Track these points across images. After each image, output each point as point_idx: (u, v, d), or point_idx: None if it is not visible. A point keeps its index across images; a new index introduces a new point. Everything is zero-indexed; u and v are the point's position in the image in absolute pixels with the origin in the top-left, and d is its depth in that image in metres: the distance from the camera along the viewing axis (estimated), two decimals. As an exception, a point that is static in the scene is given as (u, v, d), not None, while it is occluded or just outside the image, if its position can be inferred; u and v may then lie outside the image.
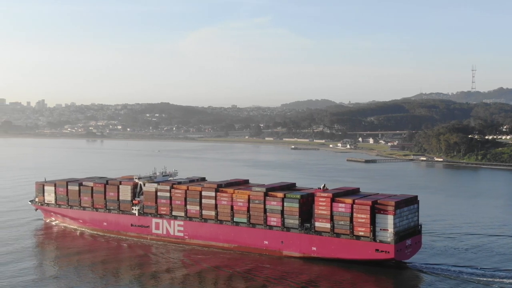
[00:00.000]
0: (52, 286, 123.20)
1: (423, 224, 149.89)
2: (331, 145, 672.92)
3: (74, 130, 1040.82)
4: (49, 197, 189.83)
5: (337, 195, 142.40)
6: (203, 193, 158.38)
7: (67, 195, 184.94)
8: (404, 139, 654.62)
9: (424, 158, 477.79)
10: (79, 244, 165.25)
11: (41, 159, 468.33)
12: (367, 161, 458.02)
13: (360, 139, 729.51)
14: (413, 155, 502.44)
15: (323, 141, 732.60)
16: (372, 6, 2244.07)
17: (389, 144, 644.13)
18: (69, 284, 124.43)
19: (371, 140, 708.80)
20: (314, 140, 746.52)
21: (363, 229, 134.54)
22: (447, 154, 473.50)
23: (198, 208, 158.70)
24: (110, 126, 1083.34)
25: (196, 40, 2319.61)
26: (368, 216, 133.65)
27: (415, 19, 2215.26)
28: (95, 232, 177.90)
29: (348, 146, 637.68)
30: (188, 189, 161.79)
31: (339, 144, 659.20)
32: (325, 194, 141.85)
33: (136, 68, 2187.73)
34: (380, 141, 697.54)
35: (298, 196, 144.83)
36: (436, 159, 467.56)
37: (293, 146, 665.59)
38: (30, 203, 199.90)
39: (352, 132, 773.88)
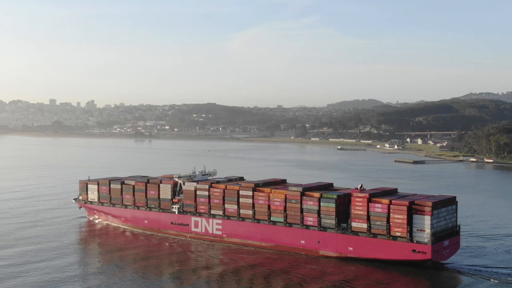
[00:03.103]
0: (95, 281, 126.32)
1: (463, 225, 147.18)
2: (378, 146, 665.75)
3: (123, 130, 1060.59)
4: (92, 195, 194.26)
5: (374, 195, 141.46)
6: (241, 192, 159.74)
7: (109, 193, 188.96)
8: (453, 140, 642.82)
9: (474, 159, 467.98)
10: (121, 241, 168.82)
11: (89, 158, 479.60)
12: (415, 162, 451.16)
13: (408, 139, 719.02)
14: (462, 156, 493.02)
15: (370, 141, 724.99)
16: (420, 5, 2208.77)
17: (438, 144, 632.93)
18: (111, 279, 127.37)
19: (419, 141, 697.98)
20: (361, 141, 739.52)
21: (400, 229, 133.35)
22: (497, 155, 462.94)
23: (236, 207, 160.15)
24: (158, 126, 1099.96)
25: (243, 41, 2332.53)
26: (405, 216, 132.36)
27: (465, 18, 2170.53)
28: (136, 230, 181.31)
29: (395, 147, 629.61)
30: (226, 188, 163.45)
31: (387, 145, 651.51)
32: (362, 194, 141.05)
33: (184, 69, 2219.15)
34: (428, 142, 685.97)
35: (335, 196, 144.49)
36: (486, 160, 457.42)
37: (339, 147, 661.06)
38: (74, 201, 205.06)
39: (399, 133, 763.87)
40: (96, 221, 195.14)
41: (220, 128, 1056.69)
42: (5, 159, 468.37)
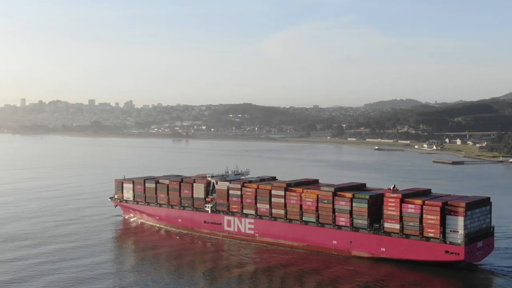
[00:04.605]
0: (131, 278, 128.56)
1: (498, 226, 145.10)
2: (416, 146, 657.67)
3: (160, 130, 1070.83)
4: (128, 194, 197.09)
5: (407, 196, 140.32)
6: (273, 192, 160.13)
7: (144, 192, 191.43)
8: (492, 140, 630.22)
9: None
10: (155, 239, 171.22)
11: (127, 158, 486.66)
12: (454, 163, 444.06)
13: (447, 140, 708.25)
14: (502, 156, 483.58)
15: (408, 141, 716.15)
16: (458, 4, 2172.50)
17: (477, 145, 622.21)
18: (147, 276, 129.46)
19: (458, 141, 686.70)
20: (399, 141, 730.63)
21: (432, 230, 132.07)
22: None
23: (268, 206, 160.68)
24: (195, 126, 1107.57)
25: (280, 41, 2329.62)
26: (438, 217, 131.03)
27: (504, 16, 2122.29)
28: (170, 229, 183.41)
29: (434, 147, 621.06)
30: (258, 187, 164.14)
31: (425, 145, 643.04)
32: (395, 195, 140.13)
33: (220, 70, 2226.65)
34: (468, 142, 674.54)
35: (367, 197, 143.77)
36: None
37: (376, 147, 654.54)
38: (109, 199, 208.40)
39: (438, 133, 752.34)
40: (131, 219, 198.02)
41: (256, 128, 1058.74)
42: (45, 159, 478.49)
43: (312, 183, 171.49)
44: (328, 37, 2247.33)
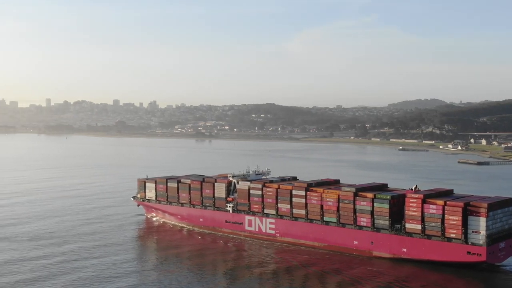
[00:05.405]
0: (154, 277, 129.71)
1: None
2: (441, 146, 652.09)
3: (184, 130, 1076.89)
4: (150, 193, 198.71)
5: (429, 196, 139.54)
6: (294, 192, 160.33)
7: (166, 191, 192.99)
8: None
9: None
10: (177, 238, 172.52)
11: (150, 158, 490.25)
12: (479, 163, 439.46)
13: (472, 140, 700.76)
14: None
15: (433, 142, 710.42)
16: (484, 3, 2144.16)
17: (502, 145, 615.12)
18: (172, 275, 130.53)
19: (483, 141, 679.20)
20: (423, 141, 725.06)
21: (454, 231, 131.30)
22: None
23: (289, 206, 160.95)
24: (218, 126, 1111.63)
25: (303, 41, 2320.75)
26: (460, 218, 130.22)
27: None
28: (193, 228, 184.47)
29: (459, 148, 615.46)
30: (279, 187, 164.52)
31: (450, 145, 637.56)
32: (416, 195, 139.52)
33: (243, 70, 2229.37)
34: (493, 143, 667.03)
35: (388, 197, 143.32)
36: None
37: (400, 147, 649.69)
38: (132, 199, 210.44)
39: (463, 133, 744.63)
40: (154, 218, 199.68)
41: (279, 128, 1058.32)
42: (70, 158, 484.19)
43: (333, 183, 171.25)
44: (351, 37, 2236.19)
